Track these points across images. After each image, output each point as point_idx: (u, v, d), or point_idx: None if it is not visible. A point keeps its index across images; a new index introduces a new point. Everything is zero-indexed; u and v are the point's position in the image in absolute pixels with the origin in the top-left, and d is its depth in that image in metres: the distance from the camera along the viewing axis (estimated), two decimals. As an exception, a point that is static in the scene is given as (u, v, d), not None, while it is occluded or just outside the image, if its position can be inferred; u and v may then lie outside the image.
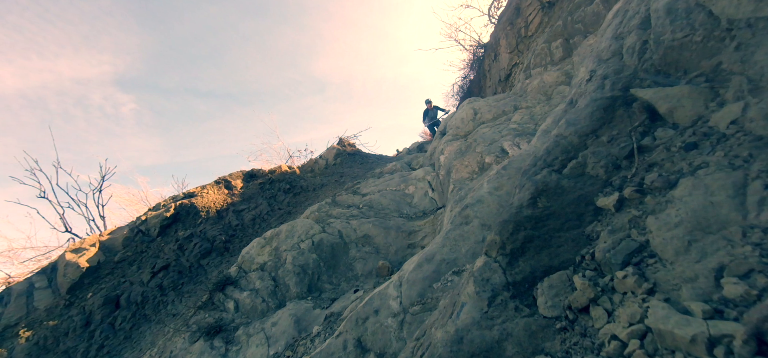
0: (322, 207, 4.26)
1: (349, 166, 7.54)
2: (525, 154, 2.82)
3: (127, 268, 5.07)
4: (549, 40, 5.10)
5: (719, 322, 0.93)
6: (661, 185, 1.36)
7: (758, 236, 1.04)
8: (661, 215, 1.27)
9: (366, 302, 2.34)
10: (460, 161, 3.85)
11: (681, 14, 1.74)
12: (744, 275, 0.99)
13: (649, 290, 1.12)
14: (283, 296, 3.42)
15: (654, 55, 1.83)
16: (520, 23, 6.67)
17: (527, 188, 1.69)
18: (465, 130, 4.62)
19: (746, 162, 1.22)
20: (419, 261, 2.41)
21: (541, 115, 4.06)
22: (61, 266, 5.04)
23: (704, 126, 1.45)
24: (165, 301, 4.41)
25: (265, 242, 3.96)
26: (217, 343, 3.07)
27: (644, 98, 1.70)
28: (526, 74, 5.23)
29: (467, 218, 2.59)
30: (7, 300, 4.85)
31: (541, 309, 1.32)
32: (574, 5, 4.93)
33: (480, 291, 1.48)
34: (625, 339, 1.07)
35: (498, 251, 1.56)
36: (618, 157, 1.59)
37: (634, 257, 1.24)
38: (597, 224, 1.45)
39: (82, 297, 4.69)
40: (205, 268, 4.82)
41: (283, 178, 6.70)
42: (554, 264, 1.41)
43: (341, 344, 2.16)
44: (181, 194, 6.39)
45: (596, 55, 2.24)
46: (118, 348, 3.95)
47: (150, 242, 5.45)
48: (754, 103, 1.34)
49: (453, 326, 1.44)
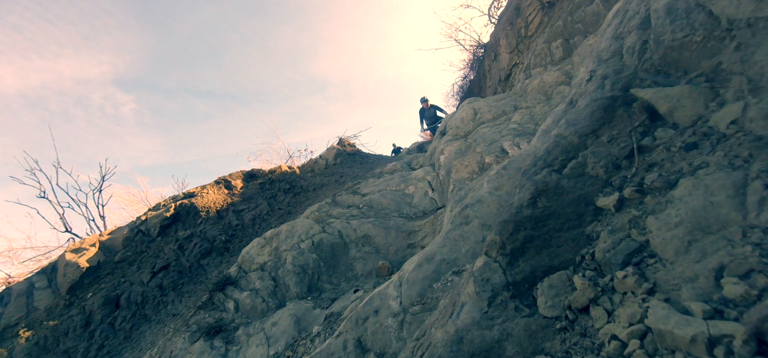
0: (322, 207, 4.26)
1: (349, 166, 7.53)
2: (525, 154, 2.82)
3: (127, 268, 5.07)
4: (549, 40, 5.10)
5: (719, 322, 0.93)
6: (661, 185, 1.36)
7: (758, 236, 1.04)
8: (661, 215, 1.27)
9: (366, 302, 2.34)
10: (460, 161, 3.85)
11: (681, 14, 1.74)
12: (744, 275, 0.99)
13: (649, 290, 1.12)
14: (283, 296, 3.41)
15: (654, 55, 1.83)
16: (520, 23, 6.67)
17: (527, 188, 1.69)
18: (465, 130, 4.62)
19: (746, 162, 1.22)
20: (419, 261, 2.41)
21: (541, 115, 4.06)
22: (61, 266, 5.04)
23: (704, 126, 1.45)
24: (165, 301, 4.40)
25: (265, 242, 3.96)
26: (217, 343, 3.07)
27: (644, 98, 1.70)
28: (526, 74, 5.23)
29: (467, 218, 2.59)
30: (7, 300, 4.85)
31: (541, 309, 1.32)
32: (574, 5, 4.93)
33: (480, 291, 1.48)
34: (625, 339, 1.07)
35: (498, 251, 1.56)
36: (618, 157, 1.59)
37: (634, 257, 1.24)
38: (597, 224, 1.45)
39: (82, 297, 4.69)
40: (205, 268, 4.82)
41: (283, 178, 6.70)
42: (554, 264, 1.41)
43: (341, 344, 2.16)
44: (181, 194, 6.39)
45: (596, 55, 2.24)
46: (118, 348, 3.95)
47: (150, 242, 5.45)
48: (754, 103, 1.34)
49: (453, 326, 1.44)
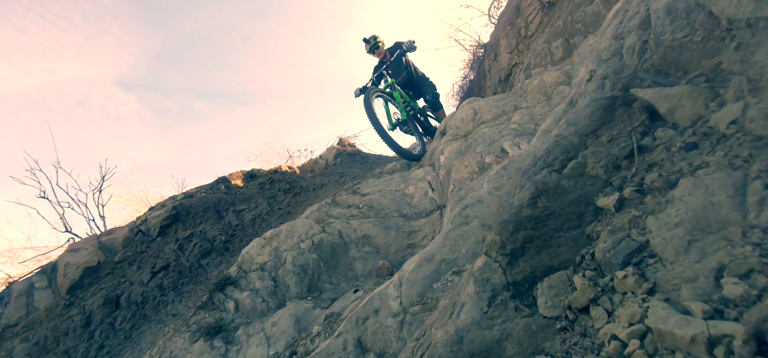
0: (322, 207, 4.26)
1: (349, 166, 7.53)
2: (525, 154, 2.82)
3: (127, 268, 5.07)
4: (549, 40, 5.10)
5: (719, 322, 0.93)
6: (661, 185, 1.36)
7: (758, 236, 1.04)
8: (661, 215, 1.27)
9: (366, 302, 2.34)
10: (460, 161, 3.85)
11: (681, 14, 1.73)
12: (744, 275, 0.99)
13: (649, 290, 1.12)
14: (283, 296, 3.41)
15: (654, 55, 1.83)
16: (520, 23, 6.67)
17: (527, 188, 1.69)
18: (465, 130, 4.62)
19: (746, 162, 1.22)
20: (419, 261, 2.41)
21: (541, 115, 4.06)
22: (61, 266, 5.04)
23: (704, 126, 1.45)
24: (165, 301, 4.40)
25: (265, 242, 3.95)
26: (217, 343, 3.07)
27: (644, 98, 1.70)
28: (526, 74, 5.23)
29: (467, 218, 2.58)
30: (7, 300, 4.85)
31: (541, 309, 1.32)
32: (574, 5, 4.93)
33: (480, 291, 1.48)
34: (625, 339, 1.07)
35: (498, 251, 1.56)
36: (618, 157, 1.59)
37: (634, 257, 1.24)
38: (597, 224, 1.45)
39: (82, 297, 4.69)
40: (205, 268, 4.82)
41: (283, 178, 6.70)
42: (554, 264, 1.41)
43: (341, 344, 2.16)
44: (181, 194, 6.39)
45: (596, 55, 2.24)
46: (118, 348, 3.95)
47: (150, 242, 5.45)
48: (754, 103, 1.33)
49: (453, 326, 1.44)
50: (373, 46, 5.19)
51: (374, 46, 5.19)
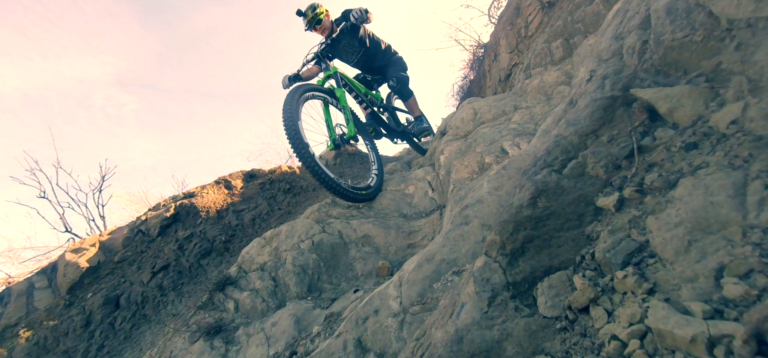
0: (322, 207, 4.26)
1: (349, 166, 7.53)
2: (525, 154, 2.81)
3: (127, 268, 5.07)
4: (549, 40, 5.09)
5: (719, 322, 0.93)
6: (661, 185, 1.36)
7: (758, 236, 1.04)
8: (661, 215, 1.27)
9: (366, 302, 2.34)
10: (460, 161, 3.85)
11: (681, 14, 1.73)
12: (744, 275, 0.98)
13: (649, 290, 1.12)
14: (283, 296, 3.41)
15: (654, 55, 1.83)
16: (520, 23, 6.67)
17: (527, 188, 1.69)
18: (465, 130, 4.62)
19: (746, 162, 1.22)
20: (419, 261, 2.41)
21: (541, 115, 4.06)
22: (61, 266, 5.04)
23: (704, 126, 1.45)
24: (165, 301, 4.40)
25: (265, 242, 3.95)
26: (217, 343, 3.07)
27: (644, 98, 1.70)
28: (526, 74, 5.22)
29: (467, 218, 2.58)
30: (7, 300, 4.85)
31: (541, 309, 1.32)
32: (574, 5, 4.93)
33: (480, 291, 1.48)
34: (625, 339, 1.06)
35: (498, 251, 1.56)
36: (618, 157, 1.59)
37: (634, 257, 1.24)
38: (597, 224, 1.45)
39: (82, 297, 4.69)
40: (205, 268, 4.81)
41: (283, 178, 6.70)
42: (554, 264, 1.41)
43: (341, 344, 2.16)
44: (181, 194, 6.39)
45: (596, 55, 2.24)
46: (118, 348, 3.95)
47: (150, 242, 5.45)
48: (754, 103, 1.33)
49: (453, 326, 1.44)
50: (313, 20, 3.76)
51: (315, 19, 3.75)
